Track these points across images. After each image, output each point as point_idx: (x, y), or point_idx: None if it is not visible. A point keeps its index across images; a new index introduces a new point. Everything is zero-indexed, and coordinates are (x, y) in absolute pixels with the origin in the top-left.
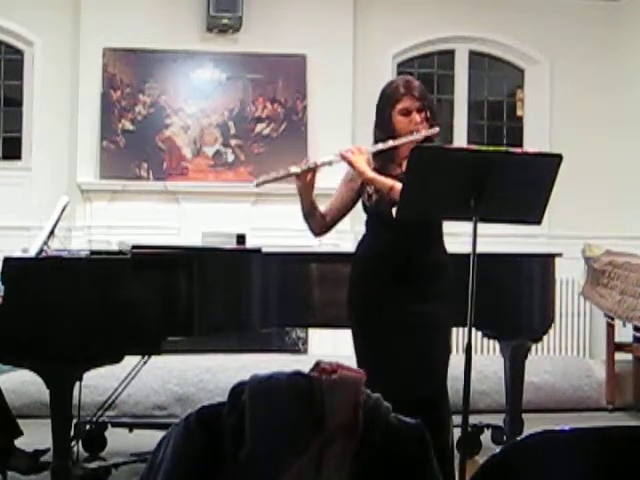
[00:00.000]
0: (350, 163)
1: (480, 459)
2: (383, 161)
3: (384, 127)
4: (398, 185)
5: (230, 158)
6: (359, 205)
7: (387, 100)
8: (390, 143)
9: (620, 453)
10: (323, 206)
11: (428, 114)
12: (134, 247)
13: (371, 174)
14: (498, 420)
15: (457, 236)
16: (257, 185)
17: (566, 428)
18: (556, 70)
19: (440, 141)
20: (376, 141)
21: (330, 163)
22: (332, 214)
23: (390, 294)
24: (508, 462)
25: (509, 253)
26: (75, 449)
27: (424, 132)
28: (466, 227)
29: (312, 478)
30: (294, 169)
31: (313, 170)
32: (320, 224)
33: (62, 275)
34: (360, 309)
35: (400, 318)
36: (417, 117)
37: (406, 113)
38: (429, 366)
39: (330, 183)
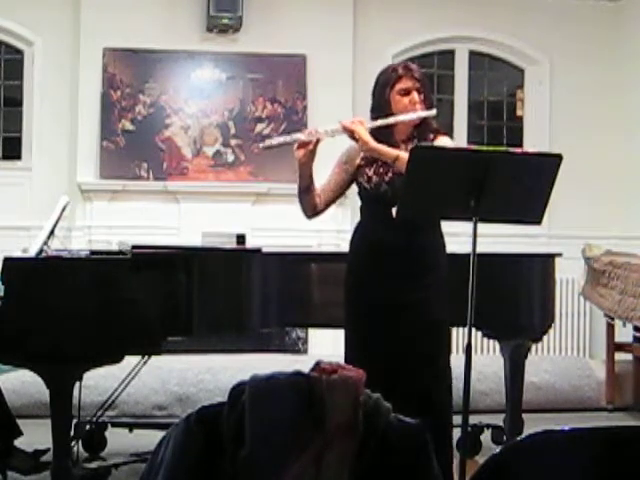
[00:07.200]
0: (353, 133)
1: (480, 459)
2: (379, 142)
3: (382, 108)
4: (403, 155)
5: (230, 158)
6: (357, 205)
7: (385, 81)
8: (390, 120)
9: (620, 453)
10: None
11: (425, 97)
12: (134, 247)
13: (375, 144)
14: (498, 420)
15: (457, 236)
16: (263, 148)
17: (566, 428)
18: (556, 70)
19: (439, 126)
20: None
21: (333, 135)
22: (326, 195)
23: (390, 277)
24: (508, 462)
25: (509, 253)
26: (75, 449)
27: (423, 112)
28: (466, 227)
29: (312, 478)
30: (299, 136)
31: (316, 140)
32: (314, 204)
33: (62, 275)
34: (359, 291)
35: (400, 302)
36: (416, 97)
37: (405, 93)
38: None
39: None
